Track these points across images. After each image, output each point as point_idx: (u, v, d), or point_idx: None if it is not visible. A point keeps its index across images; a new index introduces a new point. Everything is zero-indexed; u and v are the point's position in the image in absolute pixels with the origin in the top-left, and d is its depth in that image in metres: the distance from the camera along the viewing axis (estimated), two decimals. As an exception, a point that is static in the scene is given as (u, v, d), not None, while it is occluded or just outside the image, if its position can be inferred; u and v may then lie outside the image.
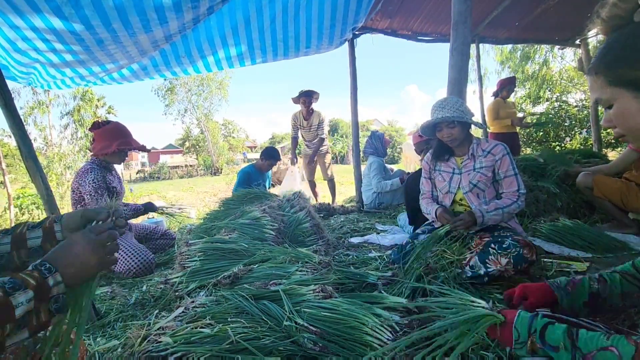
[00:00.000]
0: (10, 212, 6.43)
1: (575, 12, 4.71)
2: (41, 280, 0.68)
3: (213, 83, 27.24)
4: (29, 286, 0.66)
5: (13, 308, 0.62)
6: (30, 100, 15.28)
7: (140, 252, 2.31)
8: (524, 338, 0.87)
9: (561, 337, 0.80)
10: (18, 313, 0.62)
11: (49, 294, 0.69)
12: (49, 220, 0.96)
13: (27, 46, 2.93)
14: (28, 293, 0.65)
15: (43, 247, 0.93)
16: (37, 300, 0.66)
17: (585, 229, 2.20)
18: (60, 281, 0.71)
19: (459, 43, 2.25)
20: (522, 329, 0.88)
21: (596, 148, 5.66)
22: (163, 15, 2.80)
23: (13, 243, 0.90)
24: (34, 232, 0.93)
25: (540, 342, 0.83)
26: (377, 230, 3.00)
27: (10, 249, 0.90)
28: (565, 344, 0.79)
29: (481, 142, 1.92)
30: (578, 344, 0.77)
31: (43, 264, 0.71)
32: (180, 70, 4.01)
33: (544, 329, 0.84)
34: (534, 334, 0.85)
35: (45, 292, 0.68)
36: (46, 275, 0.69)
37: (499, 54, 10.75)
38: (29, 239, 0.92)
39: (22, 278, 0.67)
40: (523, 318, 0.90)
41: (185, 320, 1.20)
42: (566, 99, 9.47)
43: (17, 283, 0.65)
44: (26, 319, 0.65)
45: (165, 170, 29.28)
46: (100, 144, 2.41)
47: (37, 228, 0.94)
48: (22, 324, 0.64)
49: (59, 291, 0.71)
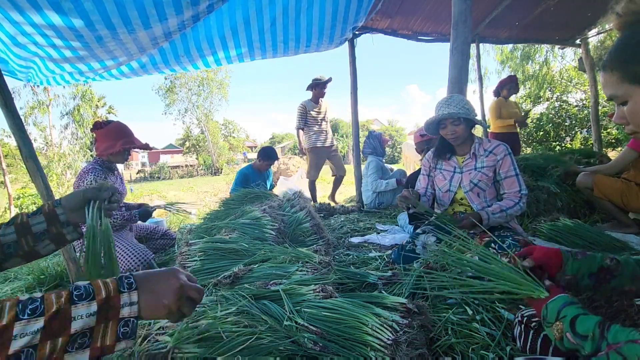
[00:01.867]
0: (11, 212, 6.44)
1: (576, 12, 4.71)
2: (114, 294, 0.60)
3: (213, 83, 27.27)
4: (97, 297, 0.58)
5: (71, 320, 0.54)
6: (31, 100, 15.29)
7: (140, 252, 2.31)
8: (551, 319, 0.84)
9: (592, 327, 0.77)
10: (75, 327, 0.54)
11: (119, 313, 0.60)
12: (48, 205, 0.96)
13: (27, 40, 2.93)
14: (92, 306, 0.57)
15: (49, 230, 0.93)
16: (103, 317, 0.58)
17: (586, 229, 2.20)
18: (136, 302, 0.62)
19: (459, 42, 2.26)
20: (551, 311, 0.85)
21: (596, 148, 5.66)
22: (162, 11, 2.80)
23: (17, 232, 0.91)
24: (35, 218, 0.93)
25: (570, 331, 0.80)
26: (377, 230, 3.00)
27: (17, 237, 0.90)
28: (595, 333, 0.76)
29: (483, 141, 1.92)
30: (607, 335, 0.74)
31: (128, 277, 0.64)
32: (179, 67, 4.01)
33: (575, 318, 0.80)
34: (563, 320, 0.82)
35: (114, 310, 0.60)
36: (124, 289, 0.62)
37: (499, 53, 10.77)
38: (32, 225, 0.92)
39: (97, 286, 0.60)
40: (557, 301, 0.85)
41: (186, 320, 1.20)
42: (566, 99, 9.48)
43: (88, 291, 0.58)
44: (88, 337, 0.56)
45: (165, 170, 29.31)
46: (104, 144, 2.41)
47: (38, 214, 0.94)
48: (83, 343, 0.55)
49: (131, 313, 0.61)
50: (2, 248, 0.89)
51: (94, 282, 0.61)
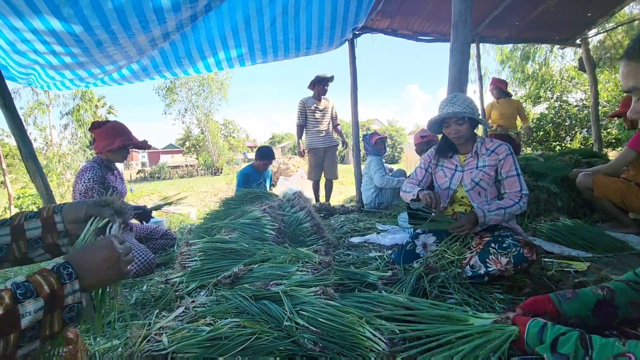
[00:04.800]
0: (11, 212, 6.44)
1: (576, 12, 4.71)
2: (57, 287, 0.63)
3: (214, 83, 27.25)
4: (41, 293, 0.60)
5: (19, 318, 0.57)
6: (31, 101, 15.34)
7: (140, 252, 2.31)
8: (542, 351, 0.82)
9: (573, 345, 0.75)
10: (24, 323, 0.57)
11: (63, 302, 0.64)
12: (47, 210, 0.92)
13: (26, 47, 2.93)
14: (38, 302, 0.59)
15: (43, 238, 0.89)
16: (49, 309, 0.61)
17: (586, 229, 2.20)
18: (78, 289, 0.67)
19: (459, 42, 2.26)
20: (533, 343, 0.84)
21: (596, 147, 5.66)
22: (162, 16, 2.80)
23: (12, 234, 0.87)
24: (31, 222, 0.89)
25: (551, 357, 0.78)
26: (377, 230, 3.00)
27: (10, 240, 0.86)
28: (577, 352, 0.74)
29: (485, 141, 1.92)
30: (591, 352, 0.73)
31: (66, 267, 0.67)
32: (180, 71, 4.01)
33: (554, 341, 0.79)
34: (544, 349, 0.80)
35: (59, 300, 0.63)
36: (65, 281, 0.65)
37: (499, 53, 10.76)
38: (27, 230, 0.88)
39: (37, 282, 0.61)
40: (532, 333, 0.84)
41: (186, 320, 1.20)
42: (566, 99, 9.48)
43: (30, 289, 0.60)
44: (36, 330, 0.59)
45: (165, 170, 29.31)
46: (102, 142, 2.41)
47: (35, 218, 0.90)
48: (32, 335, 0.59)
49: (75, 300, 0.66)
50: None
51: (32, 277, 0.62)
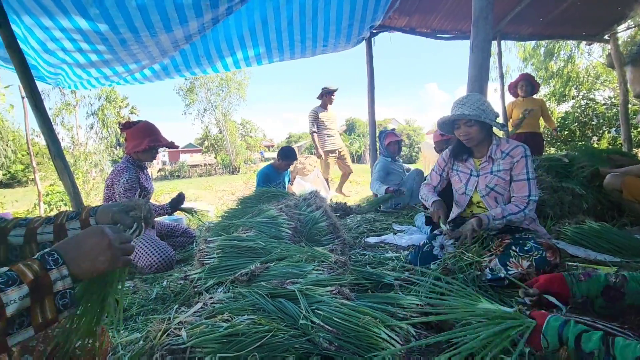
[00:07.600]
0: (40, 208, 6.74)
1: (604, 6, 4.51)
2: (42, 273, 0.62)
3: (232, 83, 27.62)
4: (25, 280, 0.59)
5: (3, 306, 0.56)
6: (59, 102, 15.95)
7: (161, 249, 2.37)
8: (555, 346, 0.82)
9: (597, 344, 0.76)
10: (10, 311, 0.56)
11: (52, 288, 0.63)
12: (85, 212, 0.94)
13: (56, 46, 3.08)
14: (22, 289, 0.58)
15: None
16: (37, 296, 0.60)
17: (613, 232, 2.10)
18: (67, 275, 0.65)
19: (480, 40, 2.21)
20: (552, 338, 0.83)
21: (626, 147, 5.42)
22: (183, 14, 2.88)
23: (54, 232, 0.89)
24: (72, 223, 0.91)
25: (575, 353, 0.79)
26: (394, 230, 2.97)
27: (23, 241, 0.87)
28: (600, 349, 0.76)
29: (501, 143, 1.84)
30: (613, 351, 0.74)
31: (51, 254, 0.65)
32: (199, 70, 4.10)
33: (578, 338, 0.79)
34: (567, 343, 0.80)
35: (46, 287, 0.62)
36: (51, 267, 0.63)
37: (522, 50, 10.42)
38: (68, 230, 0.89)
39: (20, 270, 0.60)
40: (552, 327, 0.84)
41: (204, 316, 1.22)
42: (593, 97, 9.10)
43: (12, 277, 0.59)
44: (26, 316, 0.59)
45: (185, 169, 29.93)
46: (132, 142, 2.49)
47: (76, 219, 0.92)
48: (24, 322, 0.59)
49: (66, 286, 0.65)
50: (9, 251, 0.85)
51: (15, 266, 0.61)
